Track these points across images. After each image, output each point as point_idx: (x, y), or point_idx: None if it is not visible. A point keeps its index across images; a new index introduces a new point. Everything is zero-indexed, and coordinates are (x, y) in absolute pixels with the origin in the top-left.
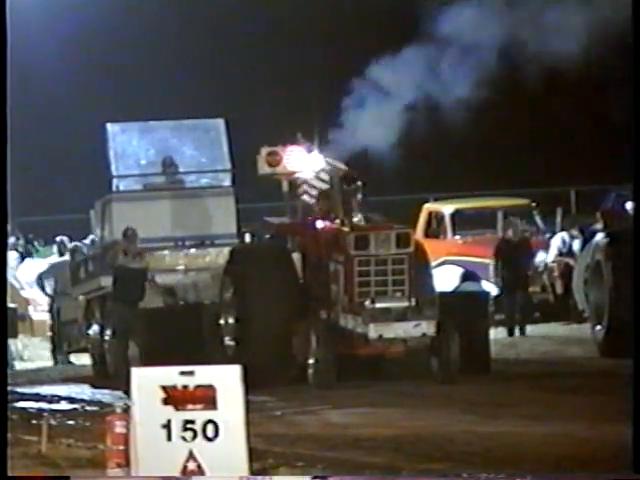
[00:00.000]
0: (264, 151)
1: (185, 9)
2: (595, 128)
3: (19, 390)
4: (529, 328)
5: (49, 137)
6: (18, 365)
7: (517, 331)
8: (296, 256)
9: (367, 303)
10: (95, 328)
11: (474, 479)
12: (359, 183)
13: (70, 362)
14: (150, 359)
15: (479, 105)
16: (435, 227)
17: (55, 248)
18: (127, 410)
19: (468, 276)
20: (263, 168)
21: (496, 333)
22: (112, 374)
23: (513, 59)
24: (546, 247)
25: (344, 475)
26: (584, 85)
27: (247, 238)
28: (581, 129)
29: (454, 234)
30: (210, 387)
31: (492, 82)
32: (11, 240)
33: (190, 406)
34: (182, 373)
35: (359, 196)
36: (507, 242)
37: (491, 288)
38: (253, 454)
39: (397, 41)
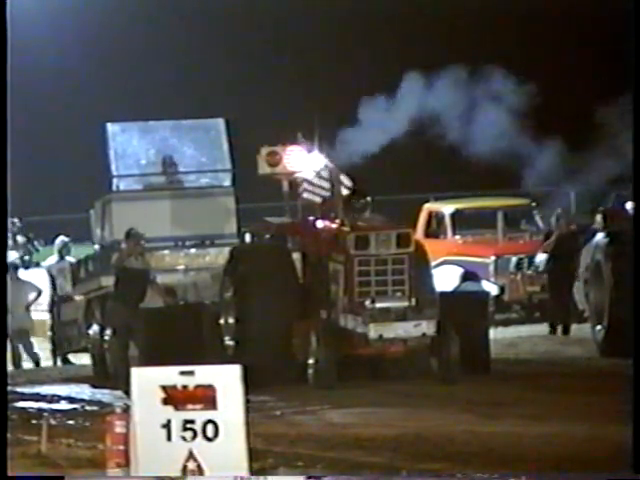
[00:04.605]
0: (264, 151)
1: (185, 9)
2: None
3: (19, 390)
4: (528, 328)
5: (49, 137)
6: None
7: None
8: (296, 256)
9: (367, 303)
10: (95, 328)
11: (474, 479)
12: (368, 199)
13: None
14: (150, 359)
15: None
16: (435, 227)
17: (55, 248)
18: (127, 410)
19: (468, 276)
20: (263, 168)
21: (496, 333)
22: (112, 374)
23: None
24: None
25: (344, 475)
26: None
27: (247, 238)
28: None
29: (454, 234)
30: (210, 387)
31: None
32: (19, 240)
33: (190, 406)
34: (182, 373)
35: (367, 213)
36: (558, 240)
37: (491, 288)
38: (253, 454)
39: (397, 41)
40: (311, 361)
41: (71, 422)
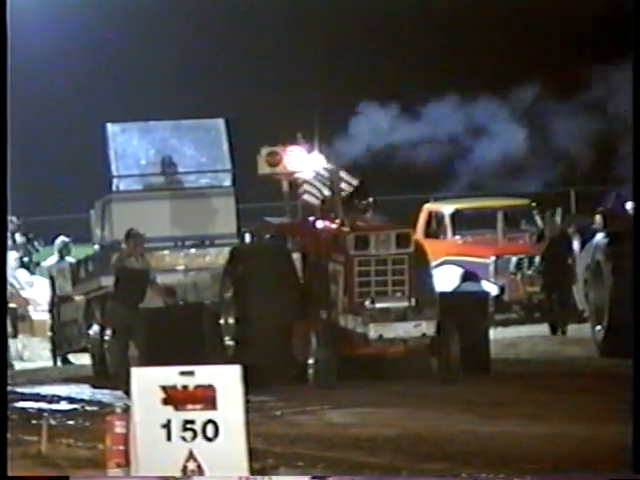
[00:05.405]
0: (264, 151)
1: (186, 9)
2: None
3: (19, 390)
4: (528, 328)
5: (49, 137)
6: (18, 365)
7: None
8: (296, 256)
9: (367, 303)
10: (95, 328)
11: (474, 479)
12: (371, 199)
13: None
14: (150, 359)
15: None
16: (435, 227)
17: (55, 248)
18: (127, 410)
19: (468, 276)
20: (263, 168)
21: (496, 333)
22: (112, 374)
23: None
24: None
25: (344, 475)
26: None
27: (247, 238)
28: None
29: (454, 234)
30: (210, 387)
31: None
32: (19, 239)
33: (190, 406)
34: (182, 373)
35: (369, 214)
36: (549, 240)
37: (491, 288)
38: (253, 454)
39: (398, 41)
40: (311, 361)
41: (71, 422)
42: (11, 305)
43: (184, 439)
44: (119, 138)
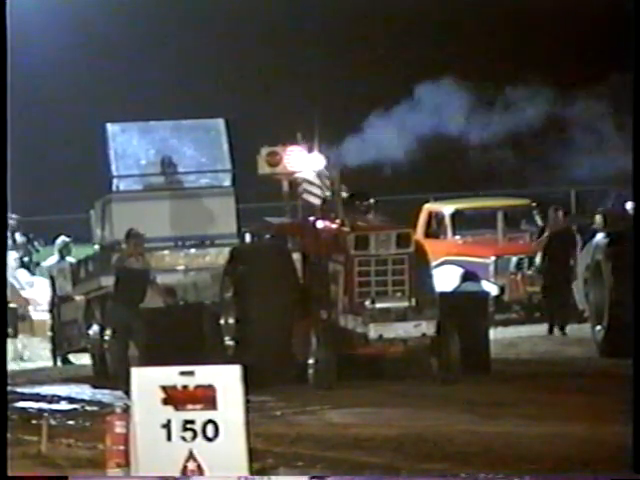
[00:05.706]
0: (264, 151)
1: (185, 9)
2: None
3: (19, 390)
4: (528, 328)
5: (49, 137)
6: (18, 365)
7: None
8: (296, 256)
9: (367, 303)
10: (95, 328)
11: (474, 479)
12: (372, 201)
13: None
14: (150, 359)
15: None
16: (435, 227)
17: (56, 248)
18: (127, 410)
19: (468, 276)
20: (263, 168)
21: (496, 333)
22: (112, 374)
23: None
24: None
25: (344, 475)
26: None
27: (247, 238)
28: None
29: (454, 234)
30: (210, 387)
31: None
32: (19, 239)
33: (190, 406)
34: (182, 373)
35: (370, 215)
36: (552, 236)
37: (491, 288)
38: (253, 454)
39: (398, 41)
40: (311, 361)
41: (71, 422)
42: (11, 305)
43: (184, 439)
44: (119, 138)
